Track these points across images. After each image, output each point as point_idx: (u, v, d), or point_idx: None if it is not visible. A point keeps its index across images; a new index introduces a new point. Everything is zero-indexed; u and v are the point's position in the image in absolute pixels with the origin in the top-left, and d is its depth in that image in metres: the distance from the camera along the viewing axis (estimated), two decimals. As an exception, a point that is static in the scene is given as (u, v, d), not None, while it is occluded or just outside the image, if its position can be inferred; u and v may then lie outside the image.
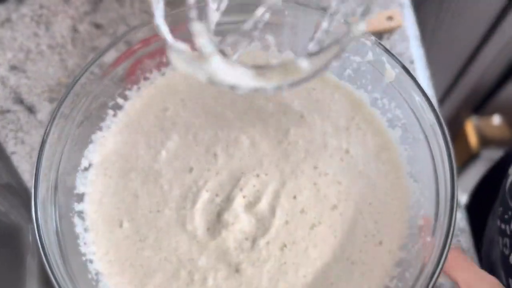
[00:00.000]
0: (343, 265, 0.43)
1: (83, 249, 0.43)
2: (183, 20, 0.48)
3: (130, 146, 0.47)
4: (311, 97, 0.49)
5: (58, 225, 0.42)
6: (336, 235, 0.44)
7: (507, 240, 0.48)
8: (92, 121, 0.47)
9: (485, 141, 1.19)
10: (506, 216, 0.50)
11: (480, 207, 0.60)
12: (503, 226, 0.50)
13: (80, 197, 0.45)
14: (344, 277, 0.43)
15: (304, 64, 0.31)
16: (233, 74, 0.31)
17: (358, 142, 0.47)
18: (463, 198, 0.86)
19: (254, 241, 0.44)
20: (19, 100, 0.56)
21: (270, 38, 0.50)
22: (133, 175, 0.46)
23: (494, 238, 0.51)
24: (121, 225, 0.45)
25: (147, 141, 0.47)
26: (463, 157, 1.21)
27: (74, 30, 0.60)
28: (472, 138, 1.20)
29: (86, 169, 0.46)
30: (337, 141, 0.47)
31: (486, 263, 0.53)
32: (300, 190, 0.45)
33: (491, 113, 1.19)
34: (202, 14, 0.33)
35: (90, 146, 0.46)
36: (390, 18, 0.60)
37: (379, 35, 0.60)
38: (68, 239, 0.42)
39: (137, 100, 0.49)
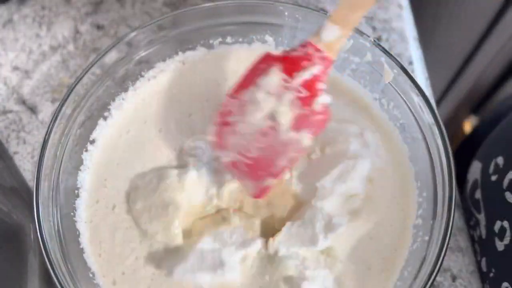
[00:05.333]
0: None
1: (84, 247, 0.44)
2: (183, 22, 0.48)
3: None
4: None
5: (59, 224, 0.42)
6: None
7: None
8: (94, 121, 0.47)
9: (483, 142, 1.19)
10: (471, 223, 0.51)
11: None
12: (471, 231, 0.51)
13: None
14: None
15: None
16: None
17: None
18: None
19: None
20: (21, 101, 0.57)
21: (269, 39, 0.51)
22: None
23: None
24: None
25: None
26: (462, 157, 1.21)
27: (76, 31, 0.60)
28: (470, 139, 1.20)
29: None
30: None
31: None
32: None
33: (489, 113, 1.19)
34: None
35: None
36: None
37: (377, 36, 0.61)
38: (69, 238, 0.42)
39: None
